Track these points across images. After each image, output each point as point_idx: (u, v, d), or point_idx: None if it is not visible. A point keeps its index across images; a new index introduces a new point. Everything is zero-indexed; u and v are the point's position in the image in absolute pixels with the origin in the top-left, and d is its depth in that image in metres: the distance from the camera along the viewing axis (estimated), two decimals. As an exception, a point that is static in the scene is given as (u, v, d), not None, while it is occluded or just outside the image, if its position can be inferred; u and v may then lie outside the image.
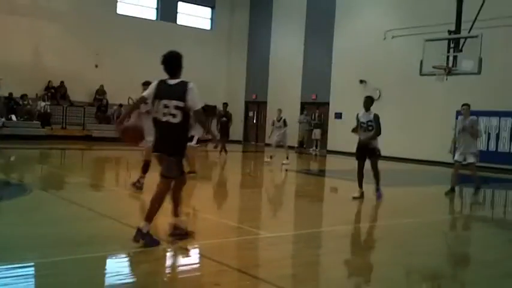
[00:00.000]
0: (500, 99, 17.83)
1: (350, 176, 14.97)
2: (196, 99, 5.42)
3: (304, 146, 24.17)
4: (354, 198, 9.48)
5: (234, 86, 28.91)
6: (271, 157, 16.64)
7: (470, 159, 11.18)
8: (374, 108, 9.61)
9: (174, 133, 5.40)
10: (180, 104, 5.32)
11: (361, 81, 22.59)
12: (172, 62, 5.53)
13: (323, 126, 24.23)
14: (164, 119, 5.36)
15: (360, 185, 9.59)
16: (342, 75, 23.44)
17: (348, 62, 23.09)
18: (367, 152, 9.48)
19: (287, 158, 16.26)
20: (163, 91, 5.41)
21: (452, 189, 11.21)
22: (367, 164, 9.58)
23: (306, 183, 13.64)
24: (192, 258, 5.41)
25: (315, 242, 6.47)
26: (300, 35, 25.92)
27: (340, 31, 23.87)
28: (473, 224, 8.78)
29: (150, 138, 8.47)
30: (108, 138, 15.67)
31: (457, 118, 19.25)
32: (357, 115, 9.62)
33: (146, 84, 9.81)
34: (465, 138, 11.06)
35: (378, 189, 9.60)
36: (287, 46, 26.41)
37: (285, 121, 16.99)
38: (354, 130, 9.70)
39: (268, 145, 18.94)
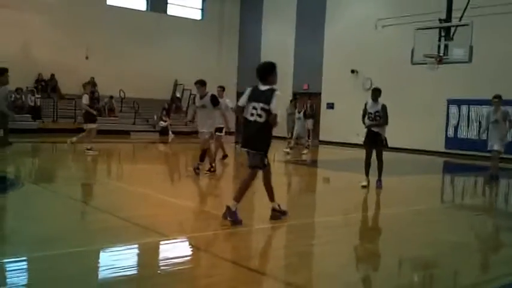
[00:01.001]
0: (491, 88, 17.86)
1: (342, 166, 15.08)
2: (276, 105, 6.15)
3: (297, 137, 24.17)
4: (363, 186, 9.76)
5: (226, 77, 28.76)
6: (291, 148, 17.41)
7: (497, 147, 11.48)
8: (366, 97, 9.82)
9: (259, 131, 6.23)
10: (266, 106, 6.12)
11: (353, 71, 22.60)
12: (263, 71, 6.37)
13: (315, 116, 24.24)
14: (252, 118, 6.20)
15: (367, 174, 9.91)
16: (334, 65, 23.44)
17: (339, 52, 23.08)
18: (376, 139, 9.78)
19: (307, 147, 17.43)
20: (254, 95, 6.28)
21: (496, 177, 11.68)
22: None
23: (298, 173, 13.66)
24: (185, 250, 5.42)
25: (308, 233, 6.50)
26: (291, 25, 25.88)
27: (331, 21, 23.84)
28: (464, 212, 8.83)
29: (204, 129, 10.53)
30: (100, 131, 15.56)
31: (448, 107, 19.45)
32: (365, 105, 9.89)
33: (198, 83, 10.64)
34: (499, 129, 11.43)
35: (379, 180, 9.87)
36: (278, 36, 26.36)
37: (305, 112, 17.60)
38: (363, 120, 9.92)
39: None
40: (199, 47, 27.62)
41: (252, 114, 6.23)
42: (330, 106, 23.64)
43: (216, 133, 11.87)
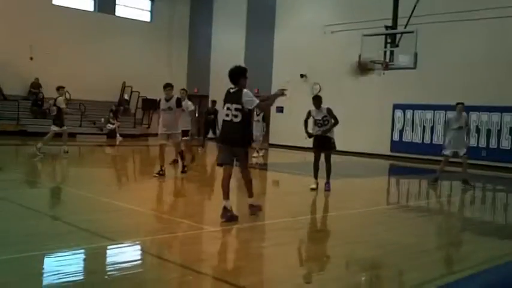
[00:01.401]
0: (435, 93, 18.51)
1: (291, 169, 15.21)
2: (249, 98, 6.71)
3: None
4: (312, 189, 9.91)
5: (175, 80, 28.43)
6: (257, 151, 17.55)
7: (463, 151, 11.77)
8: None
9: (237, 129, 6.74)
10: (239, 106, 6.66)
11: (302, 76, 22.88)
12: (235, 74, 6.91)
13: (265, 120, 24.33)
14: (228, 118, 6.75)
15: (316, 176, 10.10)
16: (283, 69, 23.64)
17: (289, 57, 23.32)
18: (325, 142, 10.00)
19: (257, 151, 17.42)
20: (227, 97, 6.85)
21: (437, 179, 11.99)
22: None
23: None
24: (134, 255, 5.33)
25: (258, 235, 6.52)
26: (241, 29, 25.95)
27: (281, 25, 24.07)
28: (410, 214, 9.07)
29: (173, 131, 10.93)
30: (44, 133, 15.10)
31: (393, 111, 19.98)
32: (309, 113, 10.19)
33: (169, 86, 11.09)
34: (461, 134, 11.75)
35: (327, 182, 10.02)
36: (228, 40, 26.39)
37: (263, 116, 17.95)
38: (307, 132, 10.25)
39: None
40: (148, 49, 27.27)
41: (227, 115, 6.78)
42: (280, 110, 23.83)
43: (183, 138, 12.12)
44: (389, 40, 14.44)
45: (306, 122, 10.31)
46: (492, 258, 5.72)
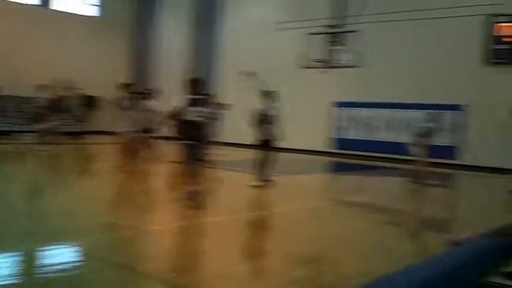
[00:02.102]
0: (378, 91, 18.93)
1: (236, 166, 15.19)
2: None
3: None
4: (254, 186, 9.97)
5: (118, 76, 27.94)
6: None
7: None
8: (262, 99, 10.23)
9: (201, 129, 8.28)
10: (205, 110, 8.26)
11: (249, 73, 22.88)
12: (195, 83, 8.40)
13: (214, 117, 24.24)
14: (194, 119, 8.09)
15: (259, 173, 10.17)
16: (231, 66, 23.58)
17: (237, 53, 23.28)
18: (269, 139, 10.23)
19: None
20: (193, 101, 8.16)
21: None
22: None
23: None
24: (72, 256, 5.17)
25: (200, 233, 6.47)
26: (188, 25, 25.66)
27: (229, 21, 24.00)
28: (348, 209, 9.25)
29: (128, 129, 11.11)
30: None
31: (335, 109, 20.31)
32: (260, 111, 10.36)
33: (128, 85, 11.56)
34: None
35: (268, 179, 10.13)
36: (176, 35, 26.03)
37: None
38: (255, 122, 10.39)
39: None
40: (91, 45, 26.48)
41: (194, 117, 8.12)
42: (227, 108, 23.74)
43: (144, 134, 12.09)
44: (334, 39, 14.68)
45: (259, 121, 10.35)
46: (426, 250, 5.92)
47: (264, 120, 10.17)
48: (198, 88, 8.35)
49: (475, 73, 16.79)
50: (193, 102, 8.18)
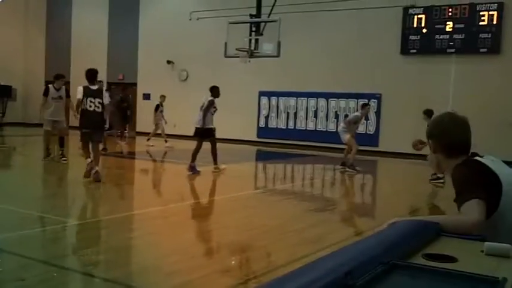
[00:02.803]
0: (298, 81, 19.30)
1: (160, 157, 15.03)
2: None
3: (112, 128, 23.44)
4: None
5: (33, 65, 26.74)
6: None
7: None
8: (182, 89, 10.08)
9: (100, 117, 9.22)
10: (101, 101, 9.11)
11: (169, 62, 22.58)
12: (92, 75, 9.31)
13: (131, 107, 23.69)
14: (91, 109, 8.95)
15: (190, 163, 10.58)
16: (149, 55, 23.15)
17: (155, 42, 22.86)
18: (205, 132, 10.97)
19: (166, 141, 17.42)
20: (89, 92, 9.06)
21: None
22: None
23: (115, 166, 13.26)
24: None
25: (126, 226, 6.34)
26: (104, 10, 24.86)
27: (146, 10, 23.48)
28: (276, 197, 9.42)
29: (61, 118, 11.74)
30: None
31: (259, 98, 20.53)
32: (213, 102, 11.39)
33: (61, 77, 11.84)
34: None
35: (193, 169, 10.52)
36: (90, 21, 25.12)
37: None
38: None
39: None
40: (0, 31, 25.07)
41: (90, 106, 8.95)
42: (147, 97, 23.33)
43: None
44: (254, 28, 14.76)
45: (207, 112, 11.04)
46: (354, 236, 6.14)
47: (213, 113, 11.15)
48: (95, 79, 9.30)
49: (393, 63, 17.52)
50: (90, 93, 9.02)
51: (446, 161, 2.55)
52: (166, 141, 17.32)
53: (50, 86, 11.71)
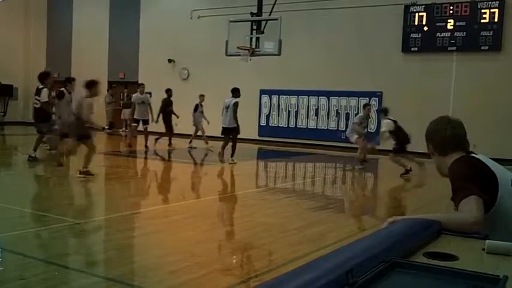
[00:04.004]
0: (298, 79, 19.27)
1: (164, 156, 15.02)
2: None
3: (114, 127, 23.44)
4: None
5: (34, 64, 26.71)
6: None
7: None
8: (184, 87, 10.04)
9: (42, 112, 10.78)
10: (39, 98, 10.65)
11: (170, 61, 22.56)
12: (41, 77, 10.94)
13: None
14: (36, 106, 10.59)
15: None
16: (150, 54, 23.13)
17: (156, 41, 22.84)
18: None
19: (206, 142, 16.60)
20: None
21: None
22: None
23: (115, 165, 13.27)
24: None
25: (127, 225, 6.35)
26: (104, 10, 24.84)
27: (147, 8, 23.46)
28: (277, 195, 9.41)
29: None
30: None
31: (260, 97, 20.52)
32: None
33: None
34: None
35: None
36: (91, 21, 25.12)
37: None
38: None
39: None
40: (1, 30, 25.08)
41: (35, 103, 10.91)
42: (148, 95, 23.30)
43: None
44: (255, 27, 14.75)
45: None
46: (350, 235, 6.14)
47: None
48: (43, 79, 10.90)
49: (394, 61, 17.49)
50: (37, 92, 10.84)
51: (443, 160, 2.55)
52: (207, 143, 16.51)
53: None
